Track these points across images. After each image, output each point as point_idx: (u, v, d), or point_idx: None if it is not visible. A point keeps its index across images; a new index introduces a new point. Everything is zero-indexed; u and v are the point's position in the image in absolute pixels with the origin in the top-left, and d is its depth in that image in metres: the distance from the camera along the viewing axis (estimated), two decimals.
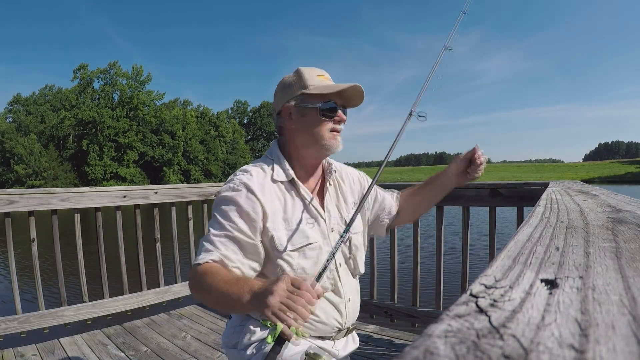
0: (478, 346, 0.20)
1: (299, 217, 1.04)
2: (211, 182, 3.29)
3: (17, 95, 50.64)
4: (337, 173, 1.21)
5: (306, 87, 1.03)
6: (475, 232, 6.11)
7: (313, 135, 1.04)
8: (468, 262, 2.23)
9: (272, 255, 1.01)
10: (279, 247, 1.00)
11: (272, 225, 1.00)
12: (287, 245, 1.01)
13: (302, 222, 1.04)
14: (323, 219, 1.08)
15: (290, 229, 1.02)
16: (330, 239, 1.08)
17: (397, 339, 2.23)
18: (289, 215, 1.03)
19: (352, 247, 1.14)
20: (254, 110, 74.47)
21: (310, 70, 1.06)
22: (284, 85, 1.08)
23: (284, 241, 1.01)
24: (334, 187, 1.17)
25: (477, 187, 2.21)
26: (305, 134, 1.05)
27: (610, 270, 0.35)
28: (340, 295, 1.08)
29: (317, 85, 1.03)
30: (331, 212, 1.11)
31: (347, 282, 1.11)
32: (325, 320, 1.06)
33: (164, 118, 50.55)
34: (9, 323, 2.12)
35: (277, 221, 1.01)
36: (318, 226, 1.07)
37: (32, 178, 41.34)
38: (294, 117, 1.05)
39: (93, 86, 48.71)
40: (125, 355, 2.08)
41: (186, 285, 2.88)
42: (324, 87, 1.03)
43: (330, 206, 1.12)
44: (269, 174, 1.05)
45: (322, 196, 1.12)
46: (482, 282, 0.31)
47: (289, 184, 1.07)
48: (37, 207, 2.24)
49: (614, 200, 0.95)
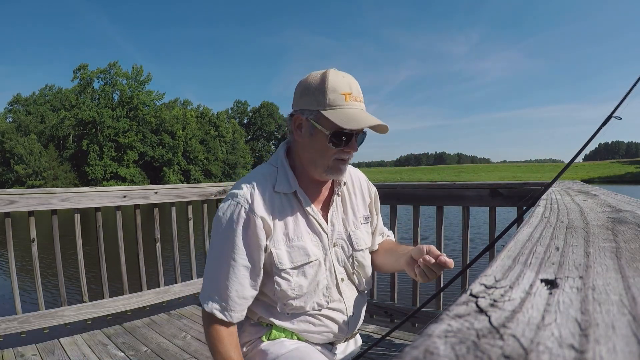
0: (478, 346, 0.20)
1: (301, 232, 1.00)
2: (211, 182, 3.29)
3: (17, 95, 50.68)
4: (350, 184, 1.15)
5: (324, 107, 0.92)
6: (476, 234, 6.12)
7: (317, 158, 0.98)
8: (468, 262, 2.23)
9: (271, 271, 0.98)
10: (278, 265, 0.97)
11: (273, 242, 0.97)
12: (287, 263, 0.97)
13: (304, 237, 1.00)
14: (325, 233, 1.03)
15: (291, 245, 0.98)
16: (331, 255, 1.04)
17: (397, 339, 2.23)
18: (290, 230, 0.99)
19: (354, 264, 1.09)
20: (254, 110, 74.52)
21: (337, 83, 0.93)
22: (305, 89, 0.97)
23: (284, 259, 0.97)
24: (342, 199, 1.11)
25: (477, 187, 2.21)
26: (310, 153, 0.99)
27: (610, 270, 0.35)
28: (342, 310, 1.05)
29: (336, 111, 0.92)
30: (335, 226, 1.06)
31: (350, 296, 1.07)
32: (325, 332, 1.04)
33: (164, 118, 50.56)
34: (9, 323, 2.12)
35: (278, 238, 0.97)
36: (319, 241, 1.03)
37: (32, 178, 41.36)
38: (304, 130, 0.98)
39: (93, 86, 48.76)
40: (125, 355, 2.08)
41: (186, 285, 2.88)
42: (342, 118, 0.91)
43: (335, 220, 1.06)
44: (270, 184, 1.00)
45: (327, 209, 1.06)
46: (482, 282, 0.31)
47: (292, 195, 1.01)
48: (37, 207, 2.23)
49: (614, 200, 0.95)
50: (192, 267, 2.98)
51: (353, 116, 0.92)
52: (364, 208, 1.16)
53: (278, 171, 1.02)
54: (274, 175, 1.01)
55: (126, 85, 48.89)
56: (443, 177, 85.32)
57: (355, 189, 1.16)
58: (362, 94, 0.98)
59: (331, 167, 0.98)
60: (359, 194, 1.16)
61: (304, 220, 1.02)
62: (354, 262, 1.09)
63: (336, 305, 1.05)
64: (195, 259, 3.00)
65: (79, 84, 47.95)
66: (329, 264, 1.03)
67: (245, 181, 1.00)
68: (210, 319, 0.97)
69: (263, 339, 1.03)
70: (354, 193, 1.15)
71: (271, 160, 1.07)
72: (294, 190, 1.01)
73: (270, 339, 1.02)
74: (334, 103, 0.92)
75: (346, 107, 0.93)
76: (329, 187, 1.09)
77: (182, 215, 2.89)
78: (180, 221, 2.84)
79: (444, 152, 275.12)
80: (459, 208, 2.29)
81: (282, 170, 1.02)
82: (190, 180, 50.46)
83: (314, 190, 1.06)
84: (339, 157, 0.97)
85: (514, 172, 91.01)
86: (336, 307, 1.05)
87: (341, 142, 0.95)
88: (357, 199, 1.15)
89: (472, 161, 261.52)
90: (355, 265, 1.09)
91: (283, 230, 0.98)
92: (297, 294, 0.99)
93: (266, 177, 1.01)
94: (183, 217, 2.89)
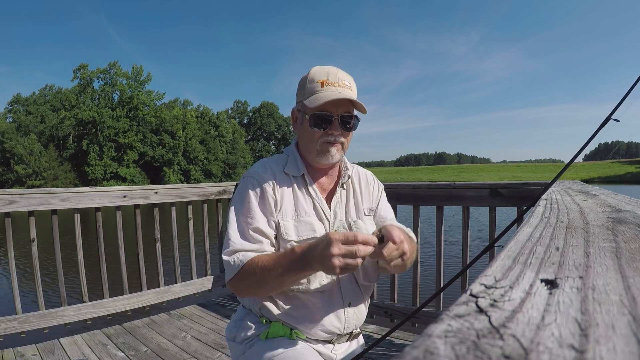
0: (478, 346, 0.20)
1: (307, 211, 1.07)
2: (211, 182, 3.29)
3: (17, 95, 50.69)
4: (355, 178, 1.20)
5: (305, 97, 1.05)
6: (476, 235, 6.12)
7: (308, 143, 1.07)
8: (468, 262, 2.23)
9: (277, 243, 1.04)
10: (284, 236, 1.02)
11: (282, 214, 1.04)
12: (293, 235, 1.03)
13: (310, 215, 1.06)
14: (327, 220, 1.08)
15: (299, 219, 1.05)
16: None
17: (397, 339, 2.23)
18: (298, 207, 1.06)
19: None
20: (254, 110, 74.45)
21: (316, 73, 1.05)
22: (298, 86, 1.10)
23: (290, 230, 1.03)
24: (347, 192, 1.17)
25: (477, 187, 2.21)
26: (303, 140, 1.09)
27: (610, 270, 0.35)
28: (340, 299, 1.07)
29: (312, 97, 1.03)
30: (337, 215, 1.11)
31: (348, 287, 1.09)
32: (322, 324, 1.04)
33: (164, 118, 50.57)
34: (9, 323, 2.12)
35: (287, 211, 1.05)
36: (322, 225, 1.07)
37: (32, 178, 41.36)
38: (297, 122, 1.11)
39: (93, 86, 48.77)
40: (125, 355, 2.08)
41: (186, 285, 2.88)
42: (312, 100, 1.02)
43: (338, 209, 1.11)
44: (281, 166, 1.10)
45: (331, 198, 1.12)
46: (482, 282, 0.31)
47: (300, 178, 1.10)
48: (37, 207, 2.24)
49: (614, 200, 0.95)
50: (192, 267, 2.98)
51: (322, 97, 1.01)
52: (368, 201, 1.20)
53: (289, 157, 1.13)
54: (285, 160, 1.13)
55: (126, 85, 48.88)
56: (443, 177, 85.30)
57: (361, 183, 1.21)
58: (352, 82, 1.07)
59: (320, 150, 1.05)
60: (365, 189, 1.21)
61: (311, 202, 1.09)
62: None
63: (334, 296, 1.06)
64: (195, 259, 3.00)
65: (79, 84, 47.96)
66: None
67: (259, 163, 1.12)
68: (241, 273, 0.95)
69: (261, 336, 1.04)
70: (360, 187, 1.20)
71: (284, 150, 1.18)
72: (302, 174, 1.10)
73: (269, 337, 1.03)
74: (311, 90, 1.04)
75: (321, 91, 1.03)
76: (334, 179, 1.16)
77: (182, 215, 2.89)
78: (180, 221, 2.84)
79: (444, 152, 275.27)
80: (459, 208, 2.29)
81: (292, 157, 1.13)
82: (190, 180, 50.47)
83: (320, 180, 1.14)
84: (325, 139, 1.05)
85: (514, 172, 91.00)
86: (334, 299, 1.06)
87: (321, 124, 1.03)
88: (363, 193, 1.19)
89: (472, 161, 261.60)
90: None
91: (292, 205, 1.06)
92: None
93: (278, 161, 1.12)
94: (183, 217, 2.89)
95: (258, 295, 1.02)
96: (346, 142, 1.09)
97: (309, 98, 1.03)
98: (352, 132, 1.09)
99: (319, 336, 1.06)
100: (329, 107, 1.02)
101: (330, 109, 1.02)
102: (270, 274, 0.91)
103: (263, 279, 0.92)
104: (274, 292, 0.99)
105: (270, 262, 0.92)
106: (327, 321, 1.05)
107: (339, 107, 1.03)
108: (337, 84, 1.03)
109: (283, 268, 0.90)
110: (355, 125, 1.08)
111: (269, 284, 0.93)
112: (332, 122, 1.03)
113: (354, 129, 1.09)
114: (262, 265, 0.93)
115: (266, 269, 0.92)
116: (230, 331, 1.14)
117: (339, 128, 1.05)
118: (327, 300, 1.05)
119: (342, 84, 1.04)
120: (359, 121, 1.09)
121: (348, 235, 0.81)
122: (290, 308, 1.04)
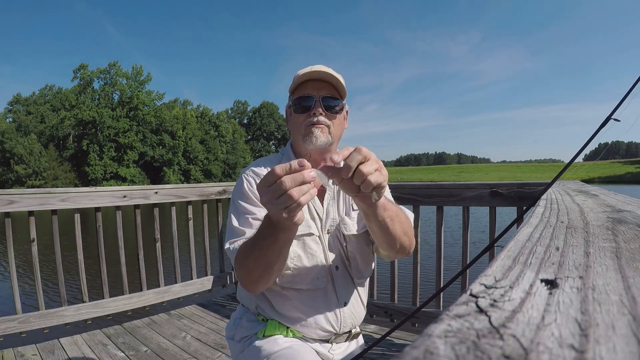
0: (478, 346, 0.20)
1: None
2: (211, 182, 3.29)
3: (17, 95, 50.69)
4: None
5: (291, 92, 1.11)
6: (477, 237, 6.12)
7: (295, 131, 1.10)
8: (468, 262, 2.23)
9: None
10: None
11: None
12: None
13: (305, 211, 1.05)
14: (320, 219, 1.08)
15: None
16: (324, 239, 1.08)
17: (397, 339, 2.24)
18: None
19: (348, 252, 1.10)
20: (254, 110, 74.45)
21: (301, 70, 1.09)
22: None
23: None
24: (338, 188, 1.13)
25: (477, 187, 2.21)
26: (292, 130, 1.14)
27: (610, 270, 0.35)
28: (335, 298, 1.06)
29: (294, 87, 1.09)
30: (330, 213, 1.10)
31: (343, 286, 1.08)
32: (317, 323, 1.04)
33: (164, 118, 50.58)
34: (9, 323, 2.12)
35: None
36: (314, 224, 1.08)
37: (32, 178, 41.38)
38: (288, 117, 1.16)
39: (93, 86, 48.79)
40: (125, 355, 2.08)
41: (186, 285, 2.89)
42: (292, 86, 1.09)
43: (330, 208, 1.11)
44: (275, 164, 1.09)
45: (322, 197, 1.12)
46: (482, 282, 0.31)
47: None
48: (37, 207, 2.24)
49: (614, 200, 0.95)
50: (192, 267, 2.98)
51: (300, 78, 1.06)
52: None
53: (283, 156, 1.17)
54: (279, 159, 1.17)
55: (126, 85, 48.90)
56: (443, 177, 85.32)
57: None
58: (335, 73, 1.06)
59: (305, 133, 1.06)
60: None
61: None
62: (347, 251, 1.10)
63: (329, 295, 1.06)
64: (195, 259, 3.00)
65: (79, 84, 48.00)
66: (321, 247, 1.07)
67: (254, 162, 1.17)
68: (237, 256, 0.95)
69: (258, 335, 1.05)
70: None
71: (280, 150, 1.24)
72: None
73: (266, 336, 1.04)
74: (295, 84, 1.08)
75: (302, 78, 1.07)
76: None
77: (182, 215, 2.89)
78: (180, 221, 2.84)
79: (444, 152, 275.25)
80: (459, 210, 2.29)
81: (286, 155, 1.16)
82: (190, 180, 50.47)
83: None
84: (308, 121, 1.06)
85: (514, 172, 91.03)
86: (329, 298, 1.06)
87: (301, 107, 1.06)
88: None
89: (472, 161, 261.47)
90: (349, 255, 1.10)
91: None
92: (295, 265, 1.03)
93: (272, 160, 1.17)
94: (183, 217, 2.89)
95: (258, 283, 0.93)
96: (333, 127, 1.06)
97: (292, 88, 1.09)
98: (341, 117, 1.10)
99: (315, 335, 1.06)
100: (310, 90, 1.05)
101: (311, 92, 1.05)
102: (254, 248, 0.86)
103: (251, 255, 0.87)
104: (267, 272, 0.89)
105: (252, 236, 0.90)
106: (323, 320, 1.05)
107: (320, 90, 1.05)
108: (317, 69, 1.06)
109: (259, 234, 0.84)
110: (341, 108, 1.08)
111: (258, 262, 0.86)
112: (314, 103, 1.05)
113: (339, 112, 1.08)
114: (247, 243, 0.91)
115: (250, 244, 0.89)
116: (229, 329, 1.16)
117: (321, 109, 1.05)
118: (321, 300, 1.05)
119: (322, 69, 1.06)
120: (344, 104, 1.10)
121: (291, 164, 0.70)
122: (284, 307, 1.04)
